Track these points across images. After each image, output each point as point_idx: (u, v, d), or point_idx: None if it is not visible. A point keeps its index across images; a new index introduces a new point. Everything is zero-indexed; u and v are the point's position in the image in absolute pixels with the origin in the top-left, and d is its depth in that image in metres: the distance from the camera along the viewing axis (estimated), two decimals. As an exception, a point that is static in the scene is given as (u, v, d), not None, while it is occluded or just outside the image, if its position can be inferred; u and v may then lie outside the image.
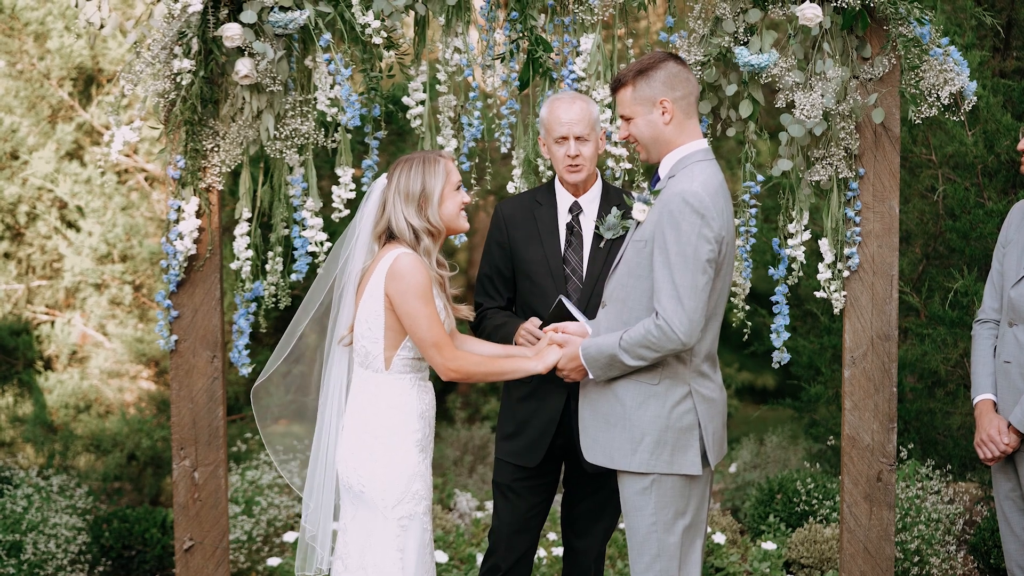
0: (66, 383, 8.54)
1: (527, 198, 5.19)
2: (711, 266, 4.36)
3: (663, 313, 4.32)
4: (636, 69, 4.49)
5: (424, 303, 4.48)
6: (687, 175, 4.42)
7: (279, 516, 7.46)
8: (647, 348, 4.37)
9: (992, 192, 7.53)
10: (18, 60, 8.75)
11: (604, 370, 4.49)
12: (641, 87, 4.48)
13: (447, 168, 4.59)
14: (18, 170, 8.64)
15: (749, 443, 9.04)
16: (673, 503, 4.51)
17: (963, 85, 5.06)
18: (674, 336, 4.32)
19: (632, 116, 4.52)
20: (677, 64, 4.50)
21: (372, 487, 4.52)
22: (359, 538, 4.55)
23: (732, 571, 6.86)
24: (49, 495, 7.40)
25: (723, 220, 4.39)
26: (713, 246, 4.35)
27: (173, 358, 5.26)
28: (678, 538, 4.51)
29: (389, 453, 4.53)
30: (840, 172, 5.08)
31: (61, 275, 8.76)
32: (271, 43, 4.94)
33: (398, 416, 4.55)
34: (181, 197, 5.13)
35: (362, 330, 4.59)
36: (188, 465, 5.27)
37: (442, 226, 4.57)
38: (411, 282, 4.46)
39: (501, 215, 5.20)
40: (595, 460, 4.59)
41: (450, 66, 5.29)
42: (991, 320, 5.23)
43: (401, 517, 4.53)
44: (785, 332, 5.26)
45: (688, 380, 4.49)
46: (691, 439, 4.49)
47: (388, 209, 4.59)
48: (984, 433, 5.09)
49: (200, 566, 5.29)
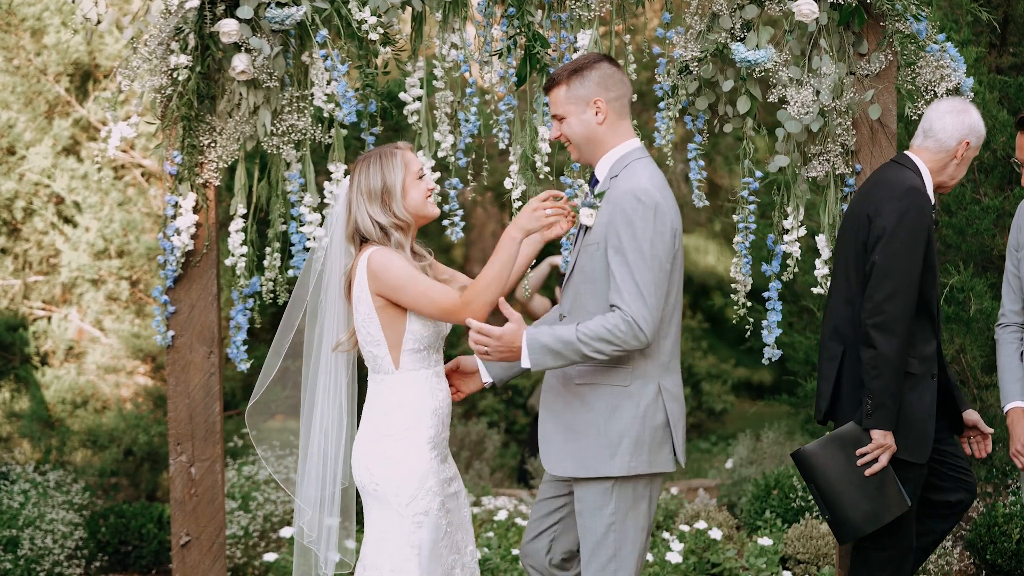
0: (63, 378, 8.54)
1: None
2: (668, 261, 4.37)
3: (629, 311, 4.31)
4: (570, 69, 4.48)
5: (413, 282, 4.44)
6: (631, 173, 4.42)
7: (275, 512, 7.47)
8: (608, 343, 4.33)
9: (988, 188, 7.54)
10: (15, 55, 8.74)
11: (545, 356, 4.40)
12: (575, 86, 4.46)
13: (405, 159, 4.55)
14: (15, 165, 8.64)
15: (745, 439, 9.05)
16: (633, 503, 4.50)
17: (959, 81, 5.07)
18: (641, 334, 4.32)
19: (565, 115, 4.50)
20: (611, 65, 4.49)
21: (386, 485, 4.51)
22: (374, 536, 4.55)
23: (728, 567, 6.86)
24: (46, 490, 7.40)
25: (674, 214, 4.41)
26: (669, 240, 4.36)
27: (170, 354, 5.26)
28: (634, 538, 4.50)
29: (403, 451, 4.51)
30: (837, 168, 5.09)
31: (58, 271, 8.76)
32: (268, 39, 4.94)
33: (411, 414, 4.54)
34: (178, 193, 5.13)
35: (363, 337, 4.57)
36: (185, 460, 5.28)
37: (409, 218, 4.52)
38: (392, 272, 4.44)
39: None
40: (564, 472, 4.53)
41: (447, 62, 5.29)
42: (1013, 324, 5.20)
43: (416, 514, 4.52)
44: (777, 328, 5.26)
45: (657, 378, 4.48)
46: (666, 436, 4.49)
47: (353, 210, 4.54)
48: (1020, 443, 5.02)
49: (196, 561, 5.29)
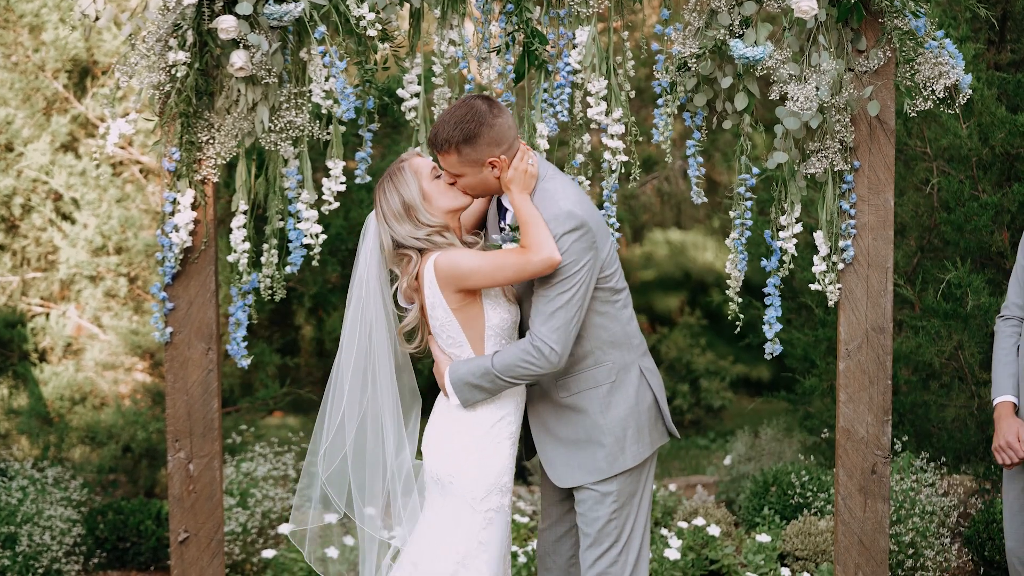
0: (61, 375, 8.54)
1: None
2: (594, 279, 4.47)
3: (542, 336, 4.41)
4: (460, 138, 4.41)
5: (481, 261, 4.46)
6: (548, 199, 4.46)
7: (274, 508, 7.46)
8: (521, 374, 4.46)
9: (987, 185, 7.54)
10: (13, 52, 8.74)
11: (468, 392, 4.53)
12: (467, 153, 4.44)
13: (413, 168, 4.57)
14: (13, 162, 8.64)
15: (744, 436, 9.05)
16: (635, 486, 4.59)
17: (958, 78, 5.07)
18: (555, 359, 4.41)
19: (461, 175, 4.51)
20: (492, 113, 4.44)
21: (462, 477, 4.51)
22: (437, 528, 4.54)
23: (727, 563, 6.87)
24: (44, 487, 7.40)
25: (599, 226, 4.50)
26: (593, 256, 4.44)
27: (168, 350, 5.26)
28: (637, 521, 4.57)
29: (485, 445, 4.52)
30: (835, 165, 5.09)
31: (56, 267, 8.75)
32: (266, 35, 4.94)
33: (497, 409, 4.55)
34: (176, 189, 5.12)
35: (443, 341, 4.59)
36: (183, 457, 5.28)
37: (440, 220, 4.54)
38: (460, 265, 4.46)
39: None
40: (577, 483, 4.62)
41: (445, 58, 5.29)
42: (1015, 317, 5.15)
43: (488, 510, 4.53)
44: (777, 324, 5.26)
45: (637, 361, 4.61)
46: (656, 412, 4.64)
47: (391, 235, 4.56)
48: (1003, 439, 4.96)
49: (195, 558, 5.29)
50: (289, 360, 8.88)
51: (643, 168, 12.27)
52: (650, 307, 14.03)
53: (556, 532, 4.88)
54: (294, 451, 8.22)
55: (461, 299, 4.49)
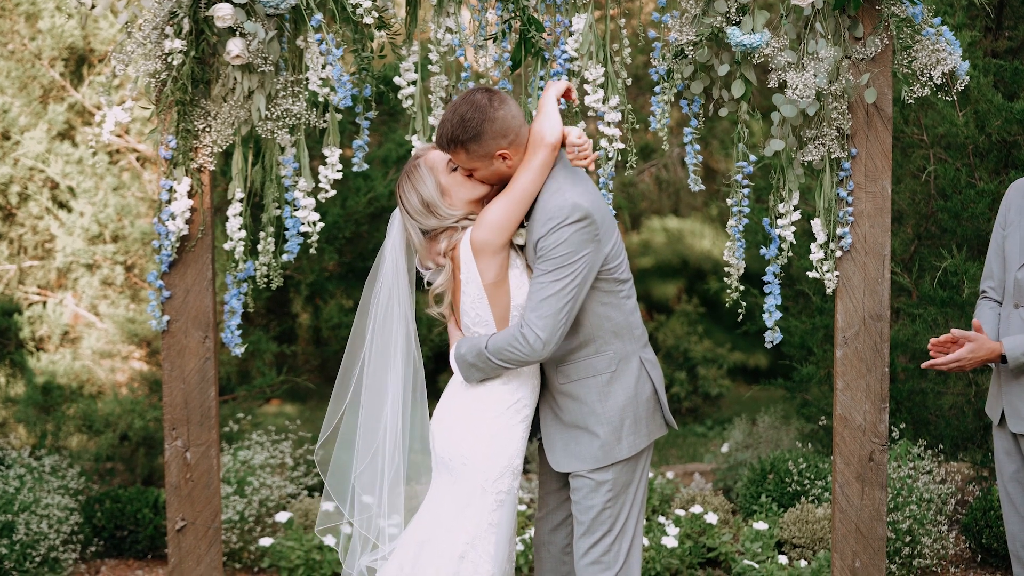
0: (58, 363, 8.53)
1: None
2: (593, 272, 4.47)
3: (529, 322, 4.42)
4: (464, 137, 4.42)
5: (500, 201, 4.47)
6: (555, 188, 4.48)
7: (271, 496, 7.47)
8: (508, 358, 4.47)
9: (983, 172, 7.54)
10: (9, 40, 8.71)
11: (467, 369, 4.57)
12: (474, 150, 4.45)
13: (428, 163, 4.57)
14: (9, 150, 8.62)
15: (741, 423, 9.06)
16: (630, 476, 4.62)
17: (955, 65, 5.06)
18: (539, 346, 4.42)
19: (474, 169, 4.53)
20: (493, 106, 4.45)
21: (474, 460, 4.52)
22: (444, 510, 4.55)
23: (724, 551, 6.88)
24: (41, 475, 7.40)
25: (605, 219, 4.52)
26: (593, 249, 4.45)
27: (165, 338, 5.26)
28: (631, 511, 4.60)
29: (499, 428, 4.53)
30: (832, 152, 5.09)
31: (53, 255, 8.74)
32: (262, 23, 4.93)
33: (514, 391, 4.57)
34: (173, 177, 5.12)
35: (471, 318, 4.59)
36: (180, 445, 5.28)
37: (461, 211, 4.56)
38: (486, 219, 4.46)
39: None
40: (573, 469, 4.65)
41: (442, 46, 5.28)
42: (992, 300, 5.17)
43: (499, 492, 4.54)
44: (777, 312, 5.27)
45: (638, 352, 4.62)
46: (654, 404, 4.66)
47: (423, 229, 4.59)
48: (958, 333, 4.90)
49: (192, 546, 5.30)
50: (286, 348, 8.88)
51: (640, 156, 12.29)
52: (648, 295, 14.02)
53: (552, 521, 4.90)
54: (291, 439, 8.23)
55: (496, 270, 4.49)
